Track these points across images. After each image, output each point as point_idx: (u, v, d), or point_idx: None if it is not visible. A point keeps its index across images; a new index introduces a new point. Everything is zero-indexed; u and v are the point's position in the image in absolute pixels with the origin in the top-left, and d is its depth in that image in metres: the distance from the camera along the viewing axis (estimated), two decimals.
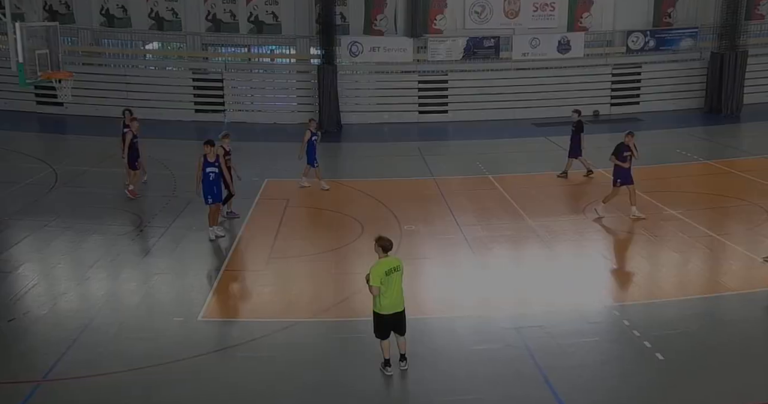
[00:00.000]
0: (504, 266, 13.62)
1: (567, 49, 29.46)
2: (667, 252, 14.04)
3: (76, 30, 28.68)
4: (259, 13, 28.84)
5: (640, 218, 15.51)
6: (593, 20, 29.77)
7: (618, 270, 13.24)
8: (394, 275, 9.02)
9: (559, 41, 29.36)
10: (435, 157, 22.56)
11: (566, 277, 12.81)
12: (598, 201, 16.03)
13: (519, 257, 14.15)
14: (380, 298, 9.03)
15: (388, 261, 9.06)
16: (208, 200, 14.36)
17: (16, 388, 8.93)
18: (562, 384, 9.08)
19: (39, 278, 12.52)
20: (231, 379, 9.38)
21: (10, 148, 22.39)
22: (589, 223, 15.71)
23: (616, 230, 15.40)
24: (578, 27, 29.71)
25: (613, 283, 12.75)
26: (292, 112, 29.46)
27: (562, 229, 15.35)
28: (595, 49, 30.07)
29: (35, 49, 17.09)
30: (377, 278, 8.92)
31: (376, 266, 9.00)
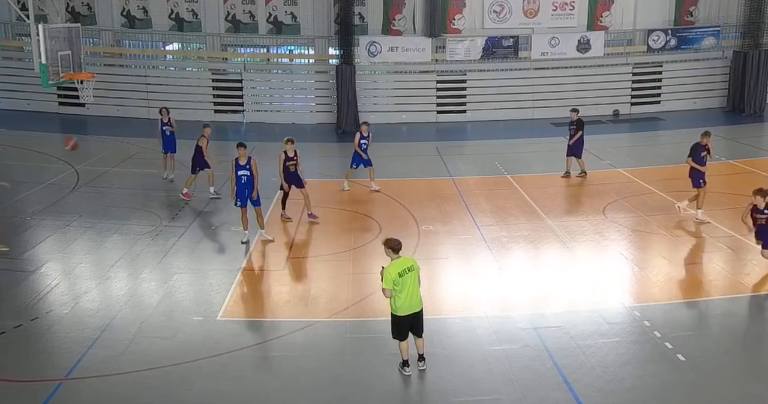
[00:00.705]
0: (522, 267, 13.56)
1: (587, 48, 29.27)
2: (689, 253, 13.91)
3: (98, 31, 28.97)
4: (278, 14, 28.94)
5: (704, 221, 15.27)
6: (613, 19, 29.54)
7: (638, 271, 13.12)
8: (408, 275, 8.97)
9: (579, 40, 29.19)
10: (453, 157, 22.51)
11: (585, 277, 12.73)
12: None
13: (537, 257, 14.08)
14: (395, 299, 9.01)
15: (400, 262, 9.04)
16: (236, 203, 14.38)
17: (39, 386, 9.04)
18: (581, 385, 9.03)
19: (61, 278, 12.66)
20: (250, 379, 9.42)
21: (33, 148, 22.65)
22: (609, 223, 15.60)
23: (636, 230, 15.27)
24: (598, 26, 29.50)
25: (633, 283, 12.64)
26: (310, 112, 29.56)
27: (581, 229, 15.26)
28: (616, 48, 29.85)
29: (58, 50, 17.25)
30: (389, 281, 8.89)
31: (388, 268, 8.99)
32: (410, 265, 9.04)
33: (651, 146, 25.31)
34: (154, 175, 19.61)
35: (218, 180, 17.77)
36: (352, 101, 27.63)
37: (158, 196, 17.81)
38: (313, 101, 29.94)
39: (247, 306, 11.94)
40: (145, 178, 19.59)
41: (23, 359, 9.70)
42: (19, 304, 11.38)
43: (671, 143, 24.83)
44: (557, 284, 12.53)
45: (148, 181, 19.31)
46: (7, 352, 9.85)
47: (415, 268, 9.08)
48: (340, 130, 27.30)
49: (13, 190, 17.84)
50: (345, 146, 25.45)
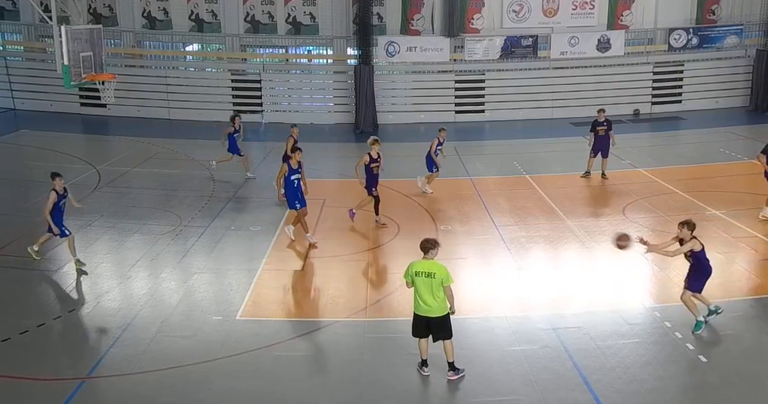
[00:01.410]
0: (541, 267, 13.50)
1: (607, 47, 29.07)
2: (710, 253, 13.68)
3: (119, 32, 29.24)
4: (296, 14, 29.04)
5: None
6: (634, 18, 29.31)
7: (659, 271, 13.01)
8: (423, 279, 8.89)
9: (599, 40, 29.00)
10: (472, 157, 22.45)
11: (605, 278, 12.66)
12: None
13: (556, 257, 14.01)
14: (414, 297, 9.10)
15: (420, 263, 9.03)
16: (296, 206, 14.36)
17: (61, 384, 9.14)
18: (601, 386, 8.98)
19: (83, 277, 12.79)
20: (268, 378, 9.47)
21: (56, 149, 22.92)
22: (629, 223, 15.49)
23: (656, 230, 15.14)
24: (618, 25, 29.28)
25: (653, 284, 12.54)
26: (328, 112, 29.64)
27: (601, 229, 15.16)
28: (636, 47, 29.62)
29: (80, 51, 17.43)
30: (407, 274, 9.06)
31: (412, 263, 9.10)
32: (430, 271, 8.90)
33: (672, 145, 25.10)
34: (175, 175, 19.79)
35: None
36: (370, 101, 27.66)
37: (178, 196, 17.94)
38: (332, 101, 30.02)
39: (266, 306, 11.99)
40: (165, 178, 19.76)
41: (46, 357, 9.82)
42: (42, 303, 11.53)
43: (692, 143, 24.63)
44: (577, 284, 12.46)
45: (168, 181, 19.47)
46: (30, 350, 9.97)
47: (435, 276, 8.86)
48: (358, 130, 27.33)
49: (36, 190, 18.06)
50: (363, 147, 25.44)
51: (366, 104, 27.54)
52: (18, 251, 13.66)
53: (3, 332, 10.31)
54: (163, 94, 28.99)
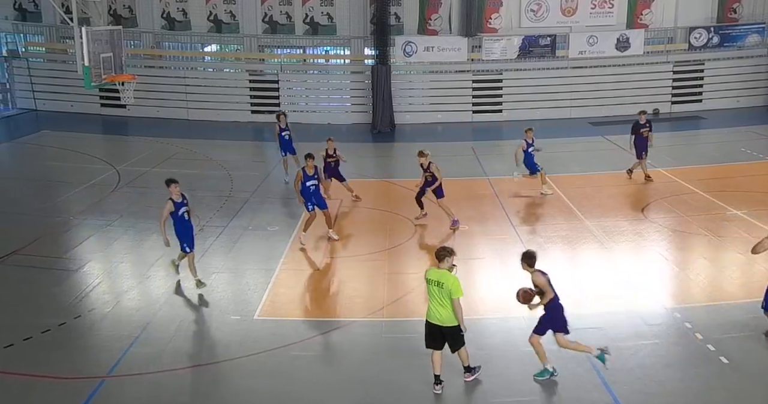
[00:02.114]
0: (559, 267, 13.37)
1: (626, 46, 28.87)
2: (731, 253, 13.62)
3: (139, 33, 29.48)
4: (314, 15, 29.12)
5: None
6: (654, 17, 29.08)
7: (679, 271, 12.90)
8: (433, 287, 8.74)
9: (618, 39, 28.81)
10: (489, 156, 22.38)
11: (624, 278, 12.56)
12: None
13: (575, 257, 13.93)
14: (428, 303, 8.95)
15: (433, 271, 8.86)
16: (309, 207, 14.47)
17: (83, 383, 9.22)
18: (620, 387, 8.91)
19: (103, 277, 12.90)
20: (286, 377, 9.49)
21: (76, 149, 23.15)
22: (648, 223, 15.37)
23: (676, 231, 15.02)
24: (638, 24, 29.07)
25: (673, 284, 12.43)
26: (346, 112, 29.68)
27: (620, 229, 15.05)
28: (656, 46, 29.38)
29: (100, 52, 17.58)
30: (425, 277, 8.95)
31: (427, 269, 9.06)
32: (440, 280, 8.68)
33: (692, 145, 24.87)
34: (194, 175, 19.90)
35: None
36: (387, 101, 27.67)
37: (196, 196, 17.96)
38: (349, 101, 30.07)
39: (284, 306, 12.02)
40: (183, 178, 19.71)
41: (67, 356, 9.91)
42: (63, 302, 11.63)
43: (713, 142, 24.39)
44: (595, 285, 12.37)
45: (186, 181, 19.48)
46: (52, 349, 10.07)
47: (443, 286, 8.62)
48: (375, 130, 27.35)
49: (57, 190, 18.27)
50: (380, 146, 25.56)
51: (383, 104, 27.55)
52: (39, 251, 13.81)
53: (25, 330, 10.42)
54: (182, 94, 29.18)
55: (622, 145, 22.58)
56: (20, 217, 15.95)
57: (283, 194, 17.98)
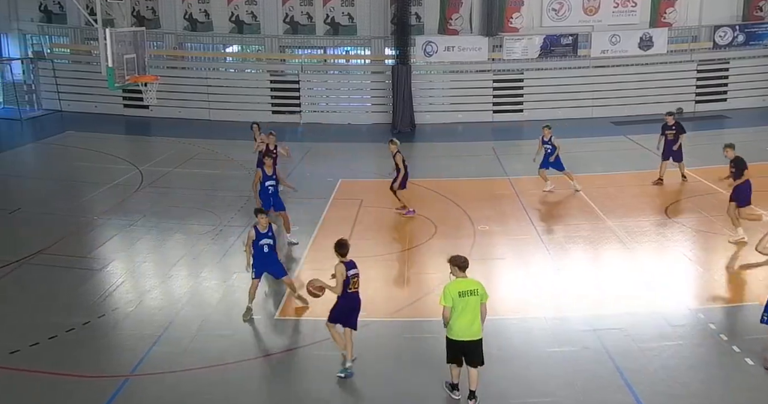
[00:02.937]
0: (581, 267, 13.34)
1: (649, 45, 28.59)
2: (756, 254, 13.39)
3: (162, 35, 29.71)
4: (335, 15, 29.19)
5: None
6: (678, 15, 28.76)
7: (703, 272, 12.76)
8: (470, 298, 8.27)
9: (641, 38, 28.53)
10: (510, 156, 22.29)
11: (647, 279, 12.45)
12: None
13: (597, 257, 13.83)
14: (452, 320, 8.35)
15: (464, 282, 8.40)
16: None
17: (106, 382, 9.32)
18: (643, 389, 8.84)
19: (126, 276, 13.04)
20: (307, 377, 9.53)
21: (100, 150, 23.40)
22: (671, 223, 15.22)
23: (700, 231, 14.86)
24: (661, 23, 28.77)
25: (697, 285, 12.30)
26: (366, 112, 29.69)
27: (642, 229, 14.92)
28: (680, 45, 29.06)
29: (123, 53, 17.73)
30: (448, 298, 8.25)
31: (449, 284, 8.39)
32: (474, 288, 8.32)
33: (716, 144, 24.31)
34: (215, 175, 20.05)
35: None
36: (407, 101, 27.64)
37: (218, 196, 18.16)
38: (369, 102, 30.07)
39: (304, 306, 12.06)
40: (205, 178, 20.03)
41: (92, 355, 10.02)
42: (87, 301, 11.77)
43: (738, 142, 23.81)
44: (617, 285, 12.27)
45: (208, 181, 19.74)
46: (76, 348, 10.20)
47: (479, 293, 8.32)
48: (396, 130, 27.33)
49: (81, 190, 18.49)
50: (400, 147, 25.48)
51: (403, 103, 27.53)
52: (63, 250, 14.00)
53: (50, 329, 10.57)
54: (204, 95, 29.38)
55: (644, 144, 22.42)
56: (46, 217, 16.16)
57: (302, 194, 18.00)
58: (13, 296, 11.95)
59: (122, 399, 8.93)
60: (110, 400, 8.86)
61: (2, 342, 10.16)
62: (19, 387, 9.13)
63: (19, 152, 23.77)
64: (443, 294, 8.34)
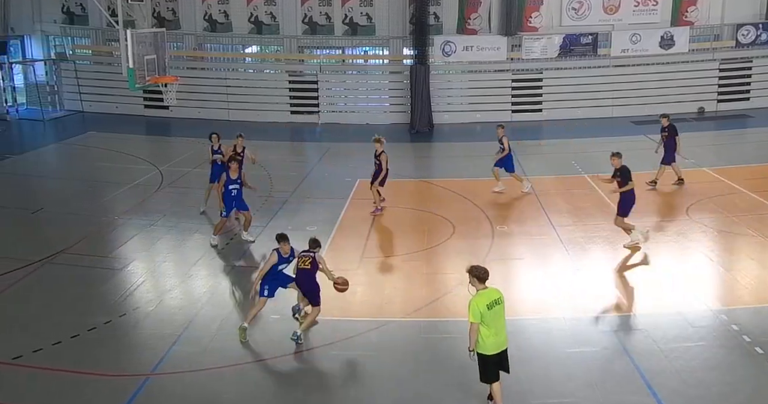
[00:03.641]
0: (600, 268, 13.24)
1: (670, 44, 28.33)
2: None
3: (182, 35, 29.92)
4: (353, 15, 29.23)
5: None
6: (700, 14, 28.47)
7: (725, 273, 12.62)
8: (497, 308, 8.07)
9: (662, 36, 28.28)
10: (528, 156, 22.16)
11: (668, 279, 12.33)
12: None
13: (616, 258, 13.71)
14: (483, 336, 8.06)
15: (487, 293, 8.12)
16: (224, 214, 14.64)
17: (127, 380, 9.40)
18: (665, 390, 8.76)
19: (146, 275, 13.14)
20: (325, 377, 9.55)
21: (121, 150, 23.61)
22: (692, 224, 15.06)
23: (721, 231, 14.69)
24: (683, 21, 28.49)
25: (719, 286, 12.17)
26: (384, 112, 29.70)
27: (663, 230, 14.80)
28: (702, 44, 28.75)
29: (144, 54, 17.84)
30: (476, 314, 7.97)
31: (474, 299, 8.07)
32: (498, 297, 8.15)
33: (738, 144, 24.29)
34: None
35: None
36: (425, 101, 27.62)
37: None
38: (387, 102, 30.07)
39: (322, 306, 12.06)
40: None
41: (113, 354, 10.12)
42: (109, 301, 11.88)
43: (761, 141, 23.80)
44: (637, 286, 12.19)
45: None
46: (98, 347, 10.29)
47: (502, 300, 8.18)
48: (414, 130, 27.33)
49: (102, 190, 18.66)
50: (418, 147, 25.53)
51: (421, 103, 27.51)
52: (85, 250, 14.13)
53: (72, 328, 10.67)
54: (223, 95, 29.54)
55: None
56: (68, 216, 16.33)
57: (321, 194, 18.08)
58: (36, 295, 12.08)
59: (143, 398, 9.00)
60: (131, 399, 8.94)
61: (26, 340, 10.27)
62: (41, 386, 9.23)
63: (41, 152, 24.04)
64: (470, 311, 8.03)
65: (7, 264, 13.11)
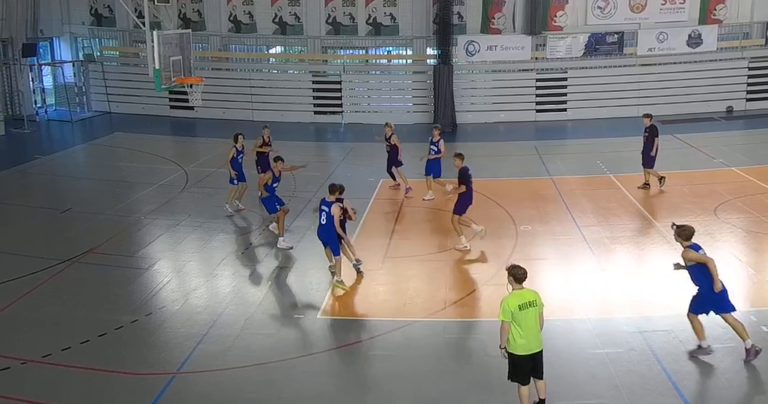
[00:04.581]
0: (626, 268, 13.11)
1: (698, 43, 27.97)
2: None
3: (207, 37, 30.18)
4: (377, 15, 29.27)
5: None
6: (728, 12, 28.08)
7: (754, 274, 12.42)
8: (530, 310, 8.00)
9: (689, 35, 27.94)
10: (553, 156, 22.04)
11: None
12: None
13: (642, 258, 13.58)
14: (513, 336, 8.03)
15: (521, 294, 8.07)
16: (276, 208, 14.91)
17: (154, 379, 9.49)
18: (693, 392, 8.68)
19: (172, 275, 13.26)
20: (348, 376, 9.57)
21: (147, 150, 23.86)
22: (721, 224, 14.86)
23: (750, 231, 14.47)
24: (711, 20, 28.12)
25: (748, 287, 11.97)
26: (407, 112, 29.69)
27: None
28: (730, 42, 28.38)
29: (170, 55, 18.01)
30: (507, 313, 7.95)
31: (507, 298, 8.06)
32: (533, 299, 8.06)
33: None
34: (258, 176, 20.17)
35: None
36: (449, 101, 27.57)
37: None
38: (410, 102, 30.07)
39: (346, 305, 12.10)
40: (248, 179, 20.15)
41: (139, 352, 10.22)
42: (135, 300, 12.01)
43: None
44: (664, 286, 12.02)
45: (251, 181, 19.87)
46: (124, 346, 10.40)
47: (537, 303, 8.08)
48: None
49: (129, 190, 18.87)
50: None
51: (445, 103, 27.46)
52: (112, 250, 14.30)
53: (100, 327, 10.81)
54: (247, 96, 29.73)
55: (692, 143, 22.01)
56: (95, 216, 16.54)
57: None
58: (64, 294, 12.25)
59: (169, 396, 9.08)
60: (158, 397, 9.02)
61: (55, 338, 10.42)
62: (70, 384, 9.34)
63: (69, 153, 24.39)
64: (501, 309, 8.02)
65: (36, 263, 13.32)
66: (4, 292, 12.10)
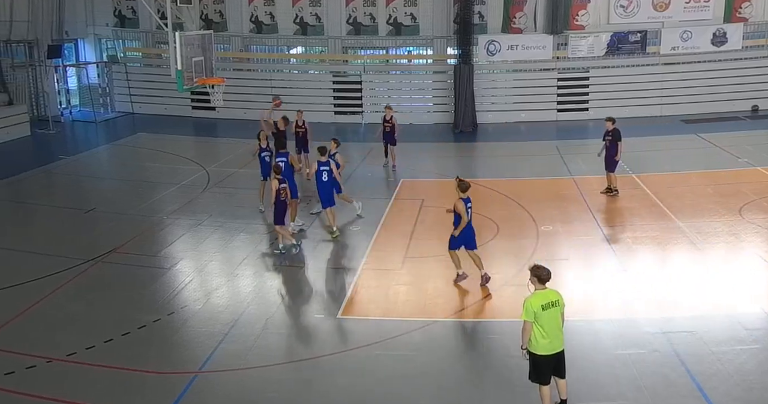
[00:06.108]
0: (648, 269, 12.98)
1: (722, 41, 27.62)
2: None
3: (228, 37, 30.35)
4: (397, 16, 29.26)
5: None
6: (754, 10, 27.70)
7: None
8: (552, 310, 7.99)
9: (714, 33, 27.60)
10: (574, 156, 21.88)
11: (720, 280, 12.03)
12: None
13: (665, 259, 13.44)
14: (535, 336, 8.01)
15: (544, 294, 8.04)
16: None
17: (176, 378, 9.57)
18: (717, 394, 8.56)
19: (194, 275, 13.35)
20: (369, 376, 9.57)
21: (169, 151, 24.05)
22: (746, 224, 14.68)
23: None
24: (736, 18, 27.74)
25: None
26: (428, 112, 29.64)
27: (714, 230, 14.43)
28: (756, 40, 27.97)
29: (192, 56, 18.14)
30: (530, 312, 7.91)
31: (529, 298, 8.02)
32: (555, 299, 8.04)
33: None
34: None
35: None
36: (469, 101, 27.48)
37: None
38: (431, 101, 30.01)
39: (366, 305, 12.11)
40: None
41: (162, 351, 10.30)
42: (158, 299, 12.11)
43: None
44: (688, 287, 11.91)
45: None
46: (147, 345, 10.49)
47: (560, 303, 8.08)
48: (457, 130, 27.22)
49: (151, 190, 19.04)
50: (462, 146, 25.47)
51: (465, 103, 27.37)
52: (135, 249, 14.44)
53: (123, 326, 10.92)
54: (268, 96, 29.79)
55: (717, 143, 21.76)
56: (119, 216, 16.70)
57: (364, 194, 18.10)
58: (88, 293, 12.38)
59: (191, 396, 9.15)
60: (180, 396, 9.09)
61: (79, 337, 10.54)
62: (94, 382, 9.44)
63: (94, 153, 24.65)
64: (524, 309, 7.97)
65: (60, 263, 13.48)
66: (29, 291, 12.26)
